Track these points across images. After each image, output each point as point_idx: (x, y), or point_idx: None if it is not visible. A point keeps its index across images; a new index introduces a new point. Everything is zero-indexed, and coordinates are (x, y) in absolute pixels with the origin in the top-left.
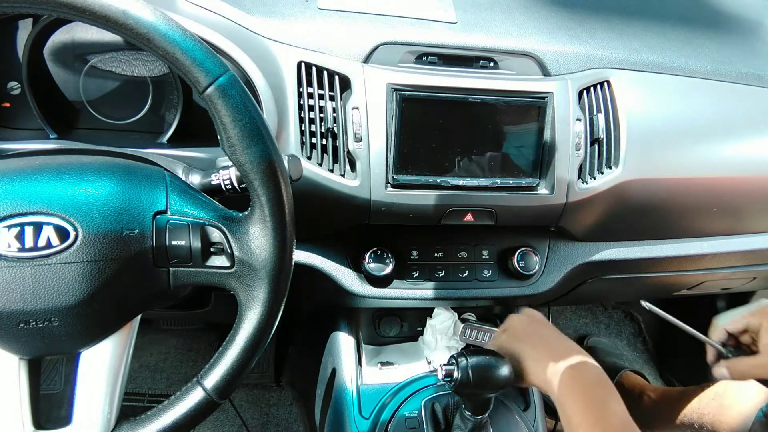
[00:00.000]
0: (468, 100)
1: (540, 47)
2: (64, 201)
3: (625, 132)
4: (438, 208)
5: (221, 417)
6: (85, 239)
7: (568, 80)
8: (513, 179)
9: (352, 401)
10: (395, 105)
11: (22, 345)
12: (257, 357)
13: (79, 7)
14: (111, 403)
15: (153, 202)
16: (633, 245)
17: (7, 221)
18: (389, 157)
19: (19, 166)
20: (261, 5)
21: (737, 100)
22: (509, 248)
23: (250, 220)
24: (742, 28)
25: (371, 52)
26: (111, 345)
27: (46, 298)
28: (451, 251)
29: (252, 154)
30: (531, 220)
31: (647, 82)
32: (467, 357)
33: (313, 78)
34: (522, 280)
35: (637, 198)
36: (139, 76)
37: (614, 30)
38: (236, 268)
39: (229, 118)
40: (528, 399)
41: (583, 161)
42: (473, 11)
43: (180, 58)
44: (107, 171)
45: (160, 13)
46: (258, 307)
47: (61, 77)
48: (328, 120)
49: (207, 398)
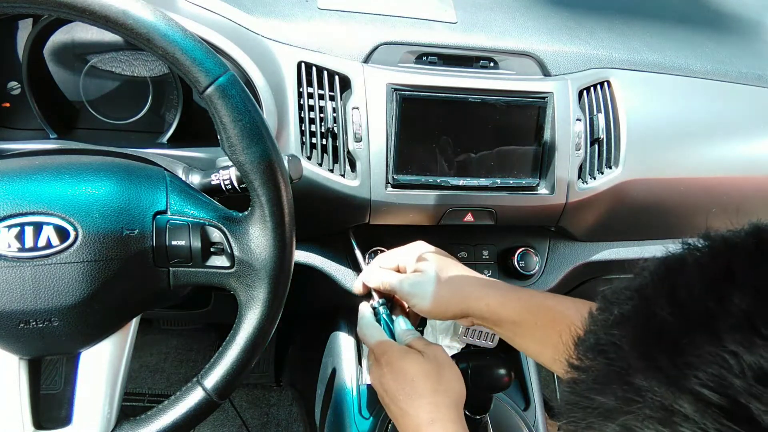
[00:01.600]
0: (468, 100)
1: (540, 47)
2: (64, 201)
3: (625, 132)
4: (438, 208)
5: (221, 417)
6: (85, 239)
7: (568, 80)
8: (513, 179)
9: (352, 401)
10: (395, 105)
11: (22, 345)
12: (257, 357)
13: (80, 8)
14: (111, 403)
15: (153, 202)
16: (633, 245)
17: (7, 221)
18: (389, 157)
19: (19, 166)
20: (261, 5)
21: (737, 99)
22: (509, 248)
23: (250, 220)
24: (742, 28)
25: (371, 52)
26: (111, 345)
27: (46, 298)
28: (451, 251)
29: (252, 154)
30: (531, 220)
31: (647, 82)
32: (467, 357)
33: (313, 78)
34: (522, 280)
35: (637, 198)
36: (139, 76)
37: (614, 30)
38: (236, 268)
39: (229, 118)
40: (528, 399)
41: (583, 161)
42: (473, 11)
43: (180, 58)
44: (107, 171)
45: (160, 13)
46: (258, 307)
47: (61, 77)
48: (328, 120)
49: (207, 398)
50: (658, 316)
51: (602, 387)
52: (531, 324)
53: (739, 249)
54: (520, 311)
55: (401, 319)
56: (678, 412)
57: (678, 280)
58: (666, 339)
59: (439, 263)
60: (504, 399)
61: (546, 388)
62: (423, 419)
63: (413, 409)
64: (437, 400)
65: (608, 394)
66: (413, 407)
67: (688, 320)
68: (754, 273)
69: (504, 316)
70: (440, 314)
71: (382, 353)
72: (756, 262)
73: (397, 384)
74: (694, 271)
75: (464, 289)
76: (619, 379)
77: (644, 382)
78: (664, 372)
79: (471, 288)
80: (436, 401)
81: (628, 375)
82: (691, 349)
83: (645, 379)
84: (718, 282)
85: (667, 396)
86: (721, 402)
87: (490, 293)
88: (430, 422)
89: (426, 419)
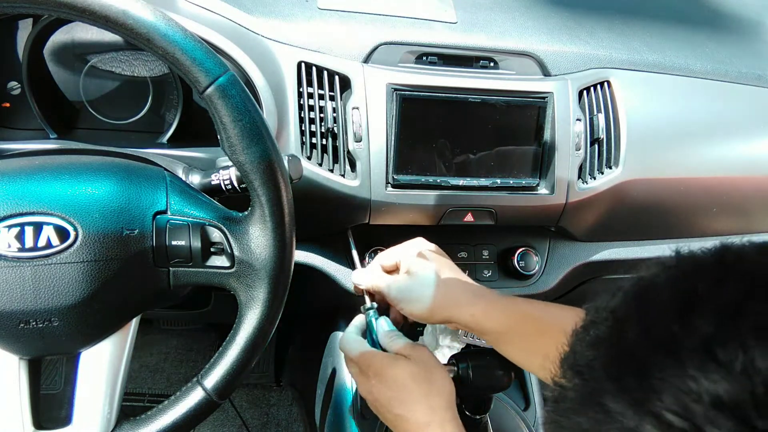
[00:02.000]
0: (468, 100)
1: (540, 47)
2: (64, 201)
3: (625, 132)
4: (438, 208)
5: (221, 417)
6: (85, 239)
7: (568, 80)
8: (513, 179)
9: (352, 401)
10: (395, 105)
11: (22, 345)
12: (257, 357)
13: (80, 8)
14: (111, 403)
15: (153, 202)
16: (633, 245)
17: (7, 221)
18: (389, 157)
19: (19, 166)
20: (261, 5)
21: (737, 99)
22: (509, 248)
23: (250, 220)
24: (742, 28)
25: (371, 52)
26: (111, 345)
27: (46, 298)
28: (451, 251)
29: (252, 154)
30: (531, 220)
31: (647, 82)
32: (467, 357)
33: (313, 78)
34: (522, 280)
35: (637, 198)
36: (139, 76)
37: (614, 30)
38: (236, 268)
39: (229, 118)
40: (528, 399)
41: (583, 161)
42: (473, 11)
43: (180, 58)
44: (107, 171)
45: (160, 13)
46: (258, 307)
47: (61, 77)
48: (328, 120)
49: (207, 398)
50: (628, 337)
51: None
52: (516, 334)
53: (705, 269)
54: (505, 322)
55: (383, 319)
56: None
57: (648, 301)
58: (634, 361)
59: (430, 266)
60: (504, 399)
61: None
62: (421, 422)
63: (410, 413)
64: (432, 402)
65: (583, 415)
66: (410, 411)
67: (654, 343)
68: (716, 294)
69: (488, 327)
70: (426, 319)
71: (368, 365)
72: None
73: (390, 392)
74: (663, 292)
75: (450, 297)
76: (592, 400)
77: (613, 404)
78: (632, 394)
79: (457, 296)
80: (431, 404)
81: (600, 396)
82: (656, 372)
83: (614, 401)
84: (684, 303)
85: (633, 419)
86: (684, 426)
87: (476, 303)
88: (428, 424)
89: (424, 422)
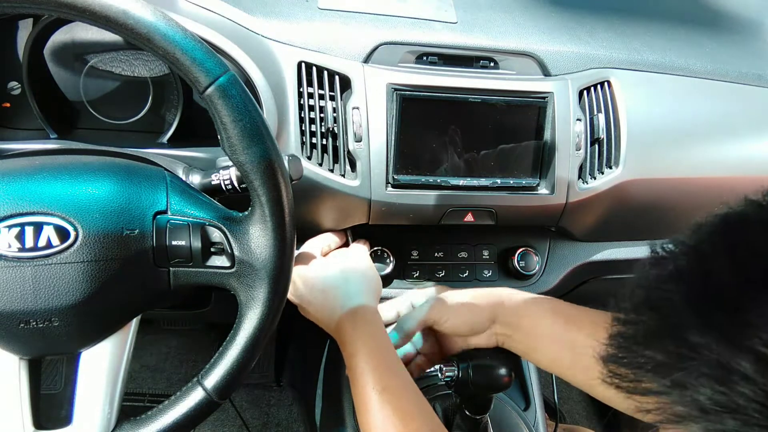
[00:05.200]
0: (468, 100)
1: (540, 47)
2: (64, 201)
3: (626, 132)
4: (438, 208)
5: (221, 417)
6: (86, 239)
7: (568, 80)
8: (513, 179)
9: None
10: (395, 105)
11: (22, 345)
12: (257, 357)
13: (80, 7)
14: (111, 403)
15: (153, 202)
16: (633, 245)
17: (7, 221)
18: (389, 157)
19: (19, 166)
20: (261, 5)
21: (738, 99)
22: (509, 248)
23: (251, 220)
24: (742, 28)
25: (371, 52)
26: (111, 345)
27: (46, 298)
28: (451, 251)
29: (252, 154)
30: (531, 220)
31: (648, 82)
32: (467, 357)
33: (313, 78)
34: (522, 280)
35: (637, 198)
36: (139, 76)
37: (614, 30)
38: (236, 268)
39: (230, 118)
40: (528, 399)
41: (584, 161)
42: (473, 11)
43: (180, 58)
44: (107, 171)
45: (160, 13)
46: (258, 307)
47: (61, 77)
48: (328, 120)
49: (207, 398)
50: (715, 273)
51: (652, 341)
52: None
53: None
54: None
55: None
56: (736, 371)
57: (739, 237)
58: (724, 297)
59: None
60: (504, 399)
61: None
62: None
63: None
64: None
65: (658, 349)
66: (329, 298)
67: (749, 279)
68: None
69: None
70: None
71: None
72: None
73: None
74: (756, 229)
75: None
76: (672, 334)
77: (700, 339)
78: (723, 330)
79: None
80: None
81: (683, 331)
82: (752, 308)
83: (701, 336)
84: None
85: (724, 354)
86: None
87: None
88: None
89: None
